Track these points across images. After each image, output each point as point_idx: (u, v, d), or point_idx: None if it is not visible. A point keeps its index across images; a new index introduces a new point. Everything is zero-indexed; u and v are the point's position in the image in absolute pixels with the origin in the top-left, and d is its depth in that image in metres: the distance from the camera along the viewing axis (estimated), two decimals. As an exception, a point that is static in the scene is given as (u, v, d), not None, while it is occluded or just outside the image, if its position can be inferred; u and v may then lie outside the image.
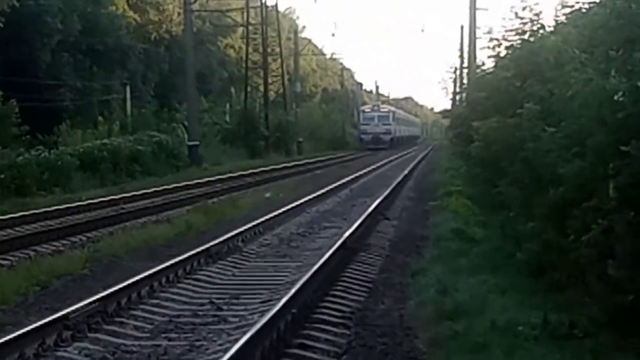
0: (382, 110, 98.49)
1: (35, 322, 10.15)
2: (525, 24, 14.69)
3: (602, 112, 8.34)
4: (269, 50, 76.10)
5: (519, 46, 15.22)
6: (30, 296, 13.03)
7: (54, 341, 9.88)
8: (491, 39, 17.03)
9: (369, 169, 48.99)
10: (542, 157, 11.04)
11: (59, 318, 10.29)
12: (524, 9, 14.64)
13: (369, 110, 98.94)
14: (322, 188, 33.16)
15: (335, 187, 34.57)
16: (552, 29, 14.25)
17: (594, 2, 9.59)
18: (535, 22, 14.52)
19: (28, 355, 9.29)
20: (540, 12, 14.60)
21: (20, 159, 31.95)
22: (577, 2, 10.73)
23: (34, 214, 24.37)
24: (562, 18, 13.17)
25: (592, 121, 8.81)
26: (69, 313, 10.50)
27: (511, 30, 15.44)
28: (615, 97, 7.95)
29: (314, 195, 30.09)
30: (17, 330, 9.76)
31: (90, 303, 11.05)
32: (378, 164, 55.10)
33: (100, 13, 64.05)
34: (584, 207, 9.29)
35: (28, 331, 9.63)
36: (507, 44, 16.03)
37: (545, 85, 12.12)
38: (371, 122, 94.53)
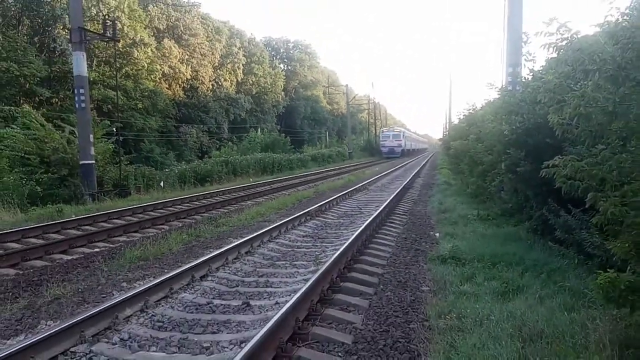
0: (396, 130, 58.94)
1: (296, 213, 10.59)
2: (470, 107, 14.34)
3: (500, 138, 8.14)
4: (377, 117, 75.13)
5: (468, 115, 14.85)
6: (295, 205, 13.42)
7: (303, 219, 10.26)
8: (458, 112, 16.81)
9: (413, 159, 47.78)
10: (477, 155, 10.78)
11: (304, 212, 10.65)
12: (468, 103, 14.67)
13: (386, 130, 58.79)
14: (395, 167, 32.59)
15: (400, 166, 33.70)
16: (481, 107, 13.82)
17: (496, 97, 9.28)
18: (474, 106, 14.16)
19: (293, 225, 9.63)
20: (475, 103, 14.45)
21: (292, 157, 33.05)
22: (490, 98, 10.42)
23: (293, 176, 24.92)
24: (485, 104, 12.74)
25: (495, 141, 8.60)
26: (309, 210, 10.90)
27: (465, 109, 15.14)
28: (505, 132, 7.75)
29: (392, 169, 29.56)
30: (290, 216, 10.22)
31: (316, 207, 11.46)
32: (417, 158, 53.47)
33: (317, 105, 64.96)
34: (492, 173, 9.10)
35: (294, 217, 10.02)
36: (463, 114, 15.66)
37: (478, 128, 11.77)
38: (387, 139, 55.44)
